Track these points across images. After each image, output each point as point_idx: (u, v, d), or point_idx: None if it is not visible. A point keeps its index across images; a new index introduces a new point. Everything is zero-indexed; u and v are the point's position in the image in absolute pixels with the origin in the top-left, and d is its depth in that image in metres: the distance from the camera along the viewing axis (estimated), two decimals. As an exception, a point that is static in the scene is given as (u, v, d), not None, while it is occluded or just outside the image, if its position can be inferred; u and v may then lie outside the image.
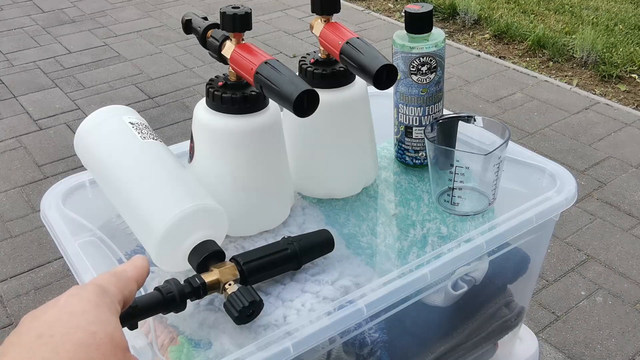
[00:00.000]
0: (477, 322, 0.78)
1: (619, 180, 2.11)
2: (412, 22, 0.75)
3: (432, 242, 0.70)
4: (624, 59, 2.89)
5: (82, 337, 0.29)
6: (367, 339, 0.64)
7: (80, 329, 0.29)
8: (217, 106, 0.65)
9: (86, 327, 0.29)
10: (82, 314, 0.30)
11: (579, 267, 1.75)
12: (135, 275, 0.37)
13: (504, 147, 0.70)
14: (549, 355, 1.50)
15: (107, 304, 0.32)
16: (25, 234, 1.89)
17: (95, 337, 0.29)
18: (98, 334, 0.29)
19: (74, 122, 2.48)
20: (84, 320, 0.30)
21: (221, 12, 0.62)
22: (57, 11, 3.61)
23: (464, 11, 3.40)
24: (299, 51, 3.07)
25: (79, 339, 0.29)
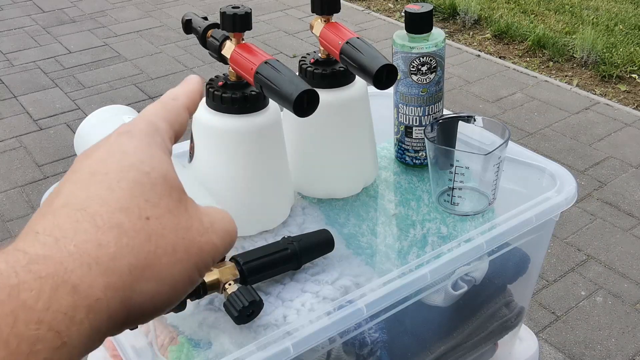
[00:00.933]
0: (477, 322, 0.78)
1: (619, 180, 2.11)
2: (412, 22, 0.75)
3: (432, 242, 0.70)
4: (624, 59, 2.89)
5: (136, 176, 0.28)
6: (367, 339, 0.64)
7: (133, 167, 0.28)
8: (217, 106, 0.65)
9: (139, 167, 0.29)
10: (134, 153, 0.29)
11: (579, 267, 1.75)
12: (187, 102, 0.35)
13: (503, 147, 0.70)
14: (549, 356, 1.50)
15: (158, 143, 0.31)
16: (25, 233, 1.89)
17: (150, 177, 0.28)
18: (152, 173, 0.29)
19: (74, 122, 2.48)
20: (137, 159, 0.29)
21: (221, 12, 0.62)
22: (57, 11, 3.61)
23: (464, 11, 3.40)
24: (299, 51, 3.07)
25: (133, 177, 0.28)
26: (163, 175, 0.29)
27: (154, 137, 0.31)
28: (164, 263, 0.27)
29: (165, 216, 0.28)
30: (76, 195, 0.27)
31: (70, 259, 0.25)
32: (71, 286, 0.24)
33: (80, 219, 0.26)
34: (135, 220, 0.27)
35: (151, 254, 0.27)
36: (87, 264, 0.25)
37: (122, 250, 0.26)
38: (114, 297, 0.25)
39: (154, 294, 0.27)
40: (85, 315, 0.24)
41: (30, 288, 0.23)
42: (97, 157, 0.29)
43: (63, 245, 0.25)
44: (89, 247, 0.25)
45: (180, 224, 0.29)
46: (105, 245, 0.26)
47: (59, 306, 0.23)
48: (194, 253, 0.29)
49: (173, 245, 0.28)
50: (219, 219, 0.31)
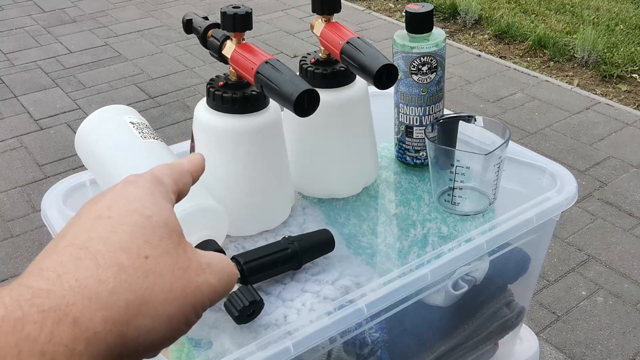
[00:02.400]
0: (478, 322, 0.78)
1: (619, 180, 2.10)
2: (413, 22, 0.75)
3: (432, 242, 0.70)
4: (625, 59, 2.89)
5: (139, 220, 0.30)
6: (367, 339, 0.64)
7: (137, 212, 0.30)
8: (218, 106, 0.65)
9: (142, 211, 0.30)
10: (138, 200, 0.31)
11: (580, 267, 1.75)
12: (190, 169, 0.37)
13: (504, 147, 0.70)
14: (549, 356, 1.50)
15: (162, 193, 0.33)
16: (26, 233, 1.89)
17: (151, 221, 0.30)
18: (153, 217, 0.30)
19: (74, 122, 2.48)
20: (140, 205, 0.31)
21: (222, 12, 0.62)
22: (57, 11, 3.61)
23: (465, 11, 3.40)
24: (300, 51, 3.07)
25: (136, 220, 0.30)
26: (164, 220, 0.31)
27: (157, 187, 0.33)
28: (160, 300, 0.28)
29: (164, 257, 0.30)
30: (79, 237, 0.29)
31: (72, 293, 0.26)
32: (72, 319, 0.25)
33: (83, 257, 0.28)
34: (134, 258, 0.28)
35: (148, 290, 0.28)
36: (87, 298, 0.26)
37: (120, 286, 0.27)
38: (112, 330, 0.26)
39: (150, 330, 0.28)
40: (85, 348, 0.25)
41: (33, 321, 0.24)
42: (102, 203, 0.31)
43: (65, 280, 0.26)
44: (89, 282, 0.27)
45: (177, 264, 0.30)
46: (104, 281, 0.27)
47: (61, 338, 0.25)
48: (191, 292, 0.30)
49: (170, 284, 0.29)
50: (217, 261, 0.33)
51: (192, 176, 0.37)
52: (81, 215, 0.31)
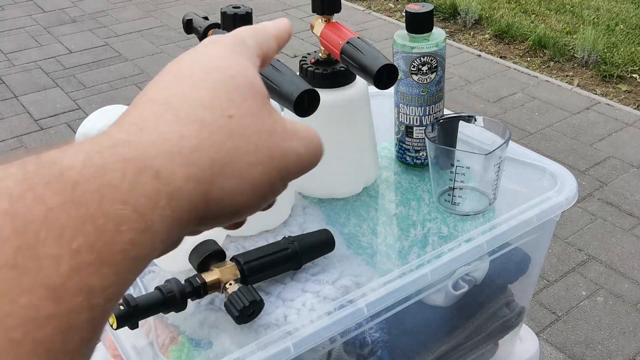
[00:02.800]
0: (478, 322, 0.78)
1: (619, 180, 2.10)
2: (413, 22, 0.75)
3: (432, 242, 0.70)
4: (625, 59, 2.89)
5: (221, 77, 0.28)
6: (367, 339, 0.64)
7: (218, 70, 0.29)
8: (218, 106, 0.65)
9: (225, 70, 0.29)
10: (220, 58, 0.29)
11: (580, 267, 1.75)
12: (276, 33, 0.35)
13: (504, 147, 0.70)
14: (549, 356, 1.50)
15: (245, 53, 0.31)
16: (26, 233, 1.89)
17: (234, 79, 0.28)
18: (236, 77, 0.29)
19: (74, 122, 2.48)
20: (222, 63, 0.29)
21: (222, 12, 0.62)
22: (58, 11, 3.61)
23: (465, 11, 3.40)
24: (300, 51, 3.07)
25: (218, 78, 0.28)
26: (248, 80, 0.29)
27: (241, 47, 0.31)
28: (245, 162, 0.27)
29: (248, 117, 0.28)
30: (161, 93, 0.28)
31: (153, 146, 0.24)
32: (154, 171, 0.24)
33: (164, 111, 0.26)
34: (217, 116, 0.27)
35: (232, 150, 0.26)
36: (168, 152, 0.24)
37: (203, 144, 0.26)
38: (195, 188, 0.25)
39: (234, 192, 0.26)
40: (167, 202, 0.24)
41: (115, 169, 0.23)
42: (183, 62, 0.29)
43: (146, 133, 0.25)
44: (171, 137, 0.25)
45: (263, 126, 0.28)
46: (187, 136, 0.25)
47: (143, 190, 0.23)
48: (277, 157, 0.28)
49: (255, 146, 0.27)
50: (304, 129, 0.30)
51: (277, 41, 0.35)
52: (162, 74, 0.29)
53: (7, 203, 0.20)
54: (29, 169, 0.21)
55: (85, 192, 0.21)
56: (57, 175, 0.21)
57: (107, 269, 0.21)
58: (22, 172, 0.21)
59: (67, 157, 0.22)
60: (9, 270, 0.19)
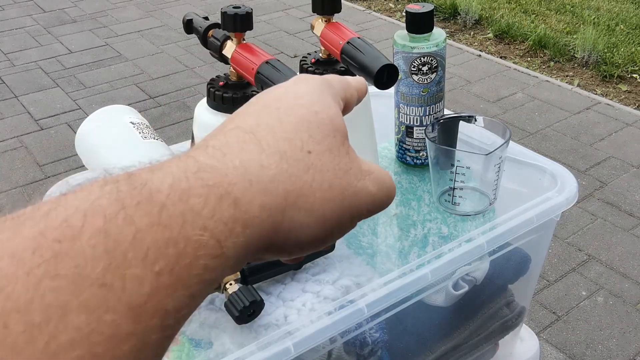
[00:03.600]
0: (478, 322, 0.78)
1: (620, 180, 2.10)
2: (413, 22, 0.75)
3: (432, 242, 0.70)
4: (625, 59, 2.89)
5: (305, 114, 0.30)
6: (367, 339, 0.64)
7: (304, 107, 0.30)
8: (218, 106, 0.65)
9: (310, 107, 0.30)
10: (307, 95, 0.31)
11: (580, 267, 1.75)
12: (357, 86, 0.37)
13: (504, 147, 0.70)
14: (549, 356, 1.50)
15: (331, 93, 0.33)
16: (26, 233, 1.89)
17: (317, 116, 0.30)
18: (320, 114, 0.30)
19: (75, 122, 2.48)
20: (308, 100, 0.31)
21: (222, 12, 0.62)
22: (58, 11, 3.61)
23: (465, 11, 3.40)
24: (300, 51, 3.07)
25: (302, 114, 0.30)
26: (330, 118, 0.30)
27: (327, 88, 0.33)
28: (318, 197, 0.28)
29: (326, 154, 0.29)
30: (247, 122, 0.29)
31: (234, 173, 0.26)
32: (233, 199, 0.25)
33: (248, 140, 0.28)
34: (297, 151, 0.28)
35: (307, 184, 0.28)
36: (248, 180, 0.26)
37: (281, 175, 0.27)
38: (268, 218, 0.26)
39: (303, 225, 0.27)
40: (242, 230, 0.25)
41: (198, 194, 0.24)
42: (272, 95, 0.31)
43: (229, 159, 0.26)
44: (252, 165, 0.26)
45: (339, 164, 0.29)
46: (267, 166, 0.27)
47: (222, 216, 0.24)
48: (349, 196, 0.29)
49: (329, 182, 0.28)
50: (378, 170, 0.32)
51: (357, 92, 0.37)
52: (251, 104, 0.31)
53: (102, 221, 0.21)
54: (122, 188, 0.23)
55: (171, 215, 0.23)
56: (147, 197, 0.23)
57: (182, 292, 0.22)
58: (116, 191, 0.23)
59: (156, 179, 0.24)
60: (99, 288, 0.20)
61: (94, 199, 0.22)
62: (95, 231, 0.21)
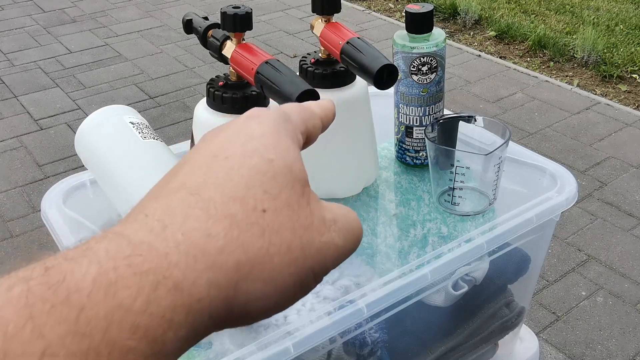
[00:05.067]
0: (478, 322, 0.78)
1: (619, 180, 2.10)
2: (413, 22, 0.75)
3: (432, 242, 0.70)
4: (625, 59, 2.89)
5: (258, 163, 0.26)
6: (367, 339, 0.64)
7: (257, 153, 0.26)
8: (218, 106, 0.65)
9: (263, 153, 0.26)
10: (260, 137, 0.27)
11: (580, 267, 1.75)
12: (320, 113, 0.33)
13: (504, 147, 0.70)
14: (549, 356, 1.50)
15: (288, 131, 0.28)
16: (26, 233, 1.89)
17: (273, 165, 0.26)
18: (276, 162, 0.26)
19: (74, 122, 2.48)
20: (262, 144, 0.27)
21: (222, 12, 0.62)
22: (57, 11, 3.61)
23: (465, 11, 3.40)
24: (300, 51, 3.07)
25: (255, 163, 0.26)
26: (288, 165, 0.27)
27: (284, 124, 0.29)
28: (276, 263, 0.25)
29: (283, 211, 0.25)
30: (193, 178, 0.26)
31: (176, 250, 0.23)
32: (173, 283, 0.22)
33: (193, 204, 0.24)
34: (249, 211, 0.25)
35: (262, 250, 0.24)
36: (192, 256, 0.23)
37: (231, 244, 0.24)
38: (217, 296, 0.23)
39: (260, 296, 0.24)
40: (185, 318, 0.22)
41: (128, 285, 0.21)
42: (221, 139, 0.27)
43: (170, 233, 0.23)
44: (197, 236, 0.23)
45: (299, 220, 0.26)
46: (214, 235, 0.23)
47: (157, 308, 0.21)
48: (311, 254, 0.26)
49: (288, 244, 0.25)
50: (342, 216, 0.28)
51: (321, 121, 0.32)
52: (198, 151, 0.27)
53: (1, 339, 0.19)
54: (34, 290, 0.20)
55: (91, 319, 0.20)
56: (63, 298, 0.20)
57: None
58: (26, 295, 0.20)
59: (77, 272, 0.21)
60: None
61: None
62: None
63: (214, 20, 0.68)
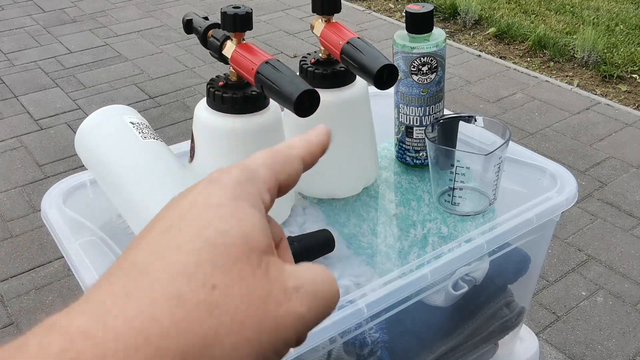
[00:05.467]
0: (478, 322, 0.78)
1: (619, 180, 2.10)
2: (413, 22, 0.75)
3: (432, 242, 0.70)
4: (625, 59, 2.89)
5: (211, 235, 0.24)
6: (367, 339, 0.64)
7: (211, 225, 0.25)
8: (218, 106, 0.65)
9: (217, 224, 0.25)
10: (216, 207, 0.25)
11: (580, 267, 1.75)
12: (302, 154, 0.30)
13: (504, 147, 0.70)
14: (549, 356, 1.50)
15: (248, 194, 0.26)
16: (26, 233, 1.89)
17: (226, 237, 0.24)
18: (229, 232, 0.24)
19: (74, 122, 2.48)
20: (217, 214, 0.25)
21: (222, 12, 0.62)
22: (57, 11, 3.61)
23: (465, 11, 3.40)
24: (300, 51, 3.07)
25: (207, 236, 0.24)
26: (243, 236, 0.25)
27: (244, 187, 0.27)
28: (227, 344, 0.23)
29: (236, 285, 0.24)
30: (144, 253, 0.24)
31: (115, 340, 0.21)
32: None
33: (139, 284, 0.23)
34: (198, 289, 0.23)
35: (211, 331, 0.22)
36: (133, 346, 0.21)
37: (177, 327, 0.22)
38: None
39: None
40: None
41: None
42: (179, 209, 0.26)
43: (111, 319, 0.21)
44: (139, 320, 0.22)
45: (254, 292, 0.24)
46: (158, 318, 0.22)
47: None
48: (269, 330, 0.24)
49: (240, 322, 0.23)
50: (309, 280, 0.26)
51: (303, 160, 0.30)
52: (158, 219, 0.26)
53: None
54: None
55: None
56: None
57: None
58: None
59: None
60: None
61: None
62: None
63: (214, 20, 0.68)
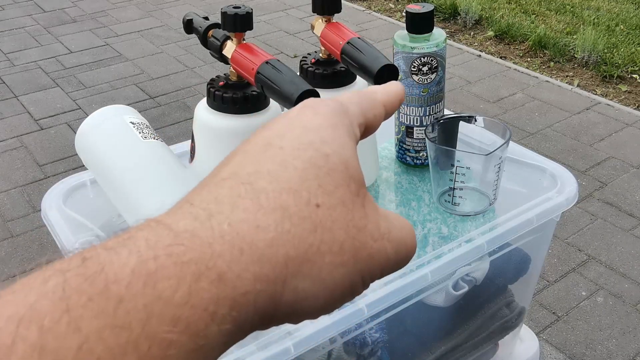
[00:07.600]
0: (478, 323, 0.78)
1: (619, 180, 2.10)
2: (413, 22, 0.75)
3: (432, 242, 0.70)
4: (625, 59, 2.89)
5: (314, 156, 0.24)
6: (367, 339, 0.64)
7: (312, 146, 0.24)
8: (218, 106, 0.65)
9: (319, 147, 0.25)
10: (316, 130, 0.25)
11: (580, 267, 1.75)
12: (384, 100, 0.30)
13: (504, 148, 0.70)
14: (549, 356, 1.50)
15: (345, 125, 0.26)
16: (26, 233, 1.89)
17: (328, 160, 0.24)
18: (332, 157, 0.24)
19: (75, 122, 2.48)
20: (318, 137, 0.25)
21: (222, 12, 0.62)
22: (58, 11, 3.61)
23: (465, 11, 3.40)
24: (300, 51, 3.07)
25: (310, 157, 0.24)
26: (344, 162, 0.25)
27: (341, 118, 0.27)
28: (327, 262, 0.23)
29: (338, 208, 0.24)
30: (244, 167, 0.24)
31: (221, 241, 0.21)
32: (216, 275, 0.21)
33: (243, 194, 0.23)
34: (303, 205, 0.23)
35: (314, 247, 0.23)
36: (239, 248, 0.21)
37: (281, 237, 0.22)
38: (264, 291, 0.22)
39: (308, 295, 0.23)
40: (228, 312, 0.21)
41: (168, 276, 0.20)
42: (275, 129, 0.26)
43: (216, 222, 0.22)
44: (245, 228, 0.22)
45: (353, 220, 0.24)
46: (264, 228, 0.22)
47: (200, 300, 0.20)
48: (363, 259, 0.24)
49: (340, 244, 0.24)
50: (398, 227, 0.26)
51: (385, 108, 0.30)
52: (250, 141, 0.26)
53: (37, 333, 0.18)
54: (70, 282, 0.19)
55: (130, 310, 0.19)
56: (100, 290, 0.19)
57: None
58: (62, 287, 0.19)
59: (116, 262, 0.20)
60: None
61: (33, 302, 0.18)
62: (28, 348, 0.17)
63: (215, 20, 0.68)
